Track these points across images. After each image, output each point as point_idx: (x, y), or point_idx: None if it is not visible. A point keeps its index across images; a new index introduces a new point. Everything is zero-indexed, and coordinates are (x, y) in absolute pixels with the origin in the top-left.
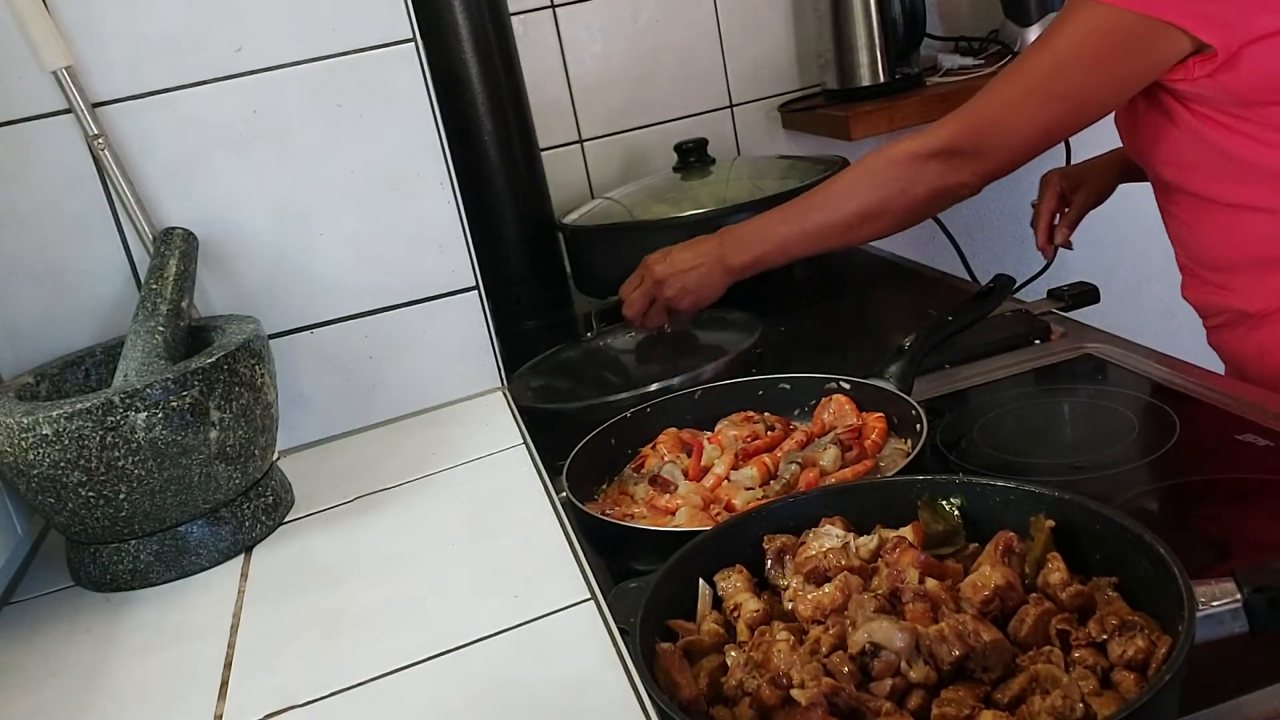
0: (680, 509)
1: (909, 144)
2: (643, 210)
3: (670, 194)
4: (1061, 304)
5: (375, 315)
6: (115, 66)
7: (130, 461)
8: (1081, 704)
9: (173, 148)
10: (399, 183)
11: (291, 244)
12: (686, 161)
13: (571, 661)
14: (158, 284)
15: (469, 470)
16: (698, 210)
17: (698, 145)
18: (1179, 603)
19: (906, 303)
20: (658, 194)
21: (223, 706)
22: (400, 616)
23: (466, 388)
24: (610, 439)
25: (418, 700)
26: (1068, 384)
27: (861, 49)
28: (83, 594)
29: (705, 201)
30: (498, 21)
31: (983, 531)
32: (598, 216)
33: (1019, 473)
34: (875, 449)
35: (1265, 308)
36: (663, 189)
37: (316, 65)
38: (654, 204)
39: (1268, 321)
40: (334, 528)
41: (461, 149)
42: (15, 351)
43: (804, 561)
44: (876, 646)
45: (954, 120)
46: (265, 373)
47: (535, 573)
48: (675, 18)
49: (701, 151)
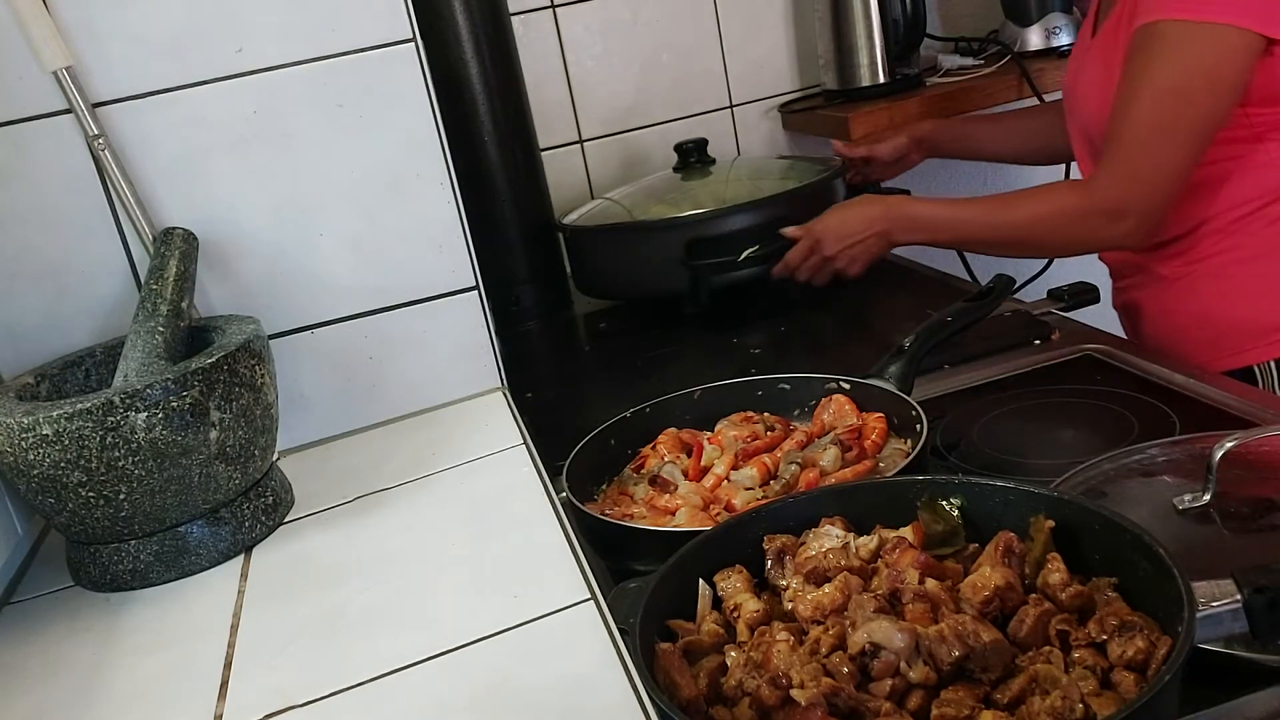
0: (680, 509)
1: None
2: (642, 210)
3: (670, 194)
4: (1061, 304)
5: (375, 315)
6: (115, 66)
7: (130, 462)
8: (1081, 704)
9: (173, 148)
10: (399, 183)
11: (291, 244)
12: (686, 161)
13: (571, 661)
14: (158, 284)
15: (469, 470)
16: (698, 210)
17: (698, 145)
18: (1179, 603)
19: (906, 303)
20: (657, 194)
21: (223, 706)
22: (400, 616)
23: (466, 388)
24: (610, 439)
25: (418, 700)
26: (1068, 384)
27: (861, 49)
28: (83, 594)
29: (705, 201)
30: (498, 21)
31: (983, 532)
32: (597, 217)
33: (1019, 473)
34: (875, 449)
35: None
36: (663, 189)
37: (317, 65)
38: (654, 204)
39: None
40: (334, 528)
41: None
42: (15, 351)
43: (804, 562)
44: (876, 647)
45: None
46: (265, 373)
47: (535, 573)
48: (675, 18)
49: (701, 151)
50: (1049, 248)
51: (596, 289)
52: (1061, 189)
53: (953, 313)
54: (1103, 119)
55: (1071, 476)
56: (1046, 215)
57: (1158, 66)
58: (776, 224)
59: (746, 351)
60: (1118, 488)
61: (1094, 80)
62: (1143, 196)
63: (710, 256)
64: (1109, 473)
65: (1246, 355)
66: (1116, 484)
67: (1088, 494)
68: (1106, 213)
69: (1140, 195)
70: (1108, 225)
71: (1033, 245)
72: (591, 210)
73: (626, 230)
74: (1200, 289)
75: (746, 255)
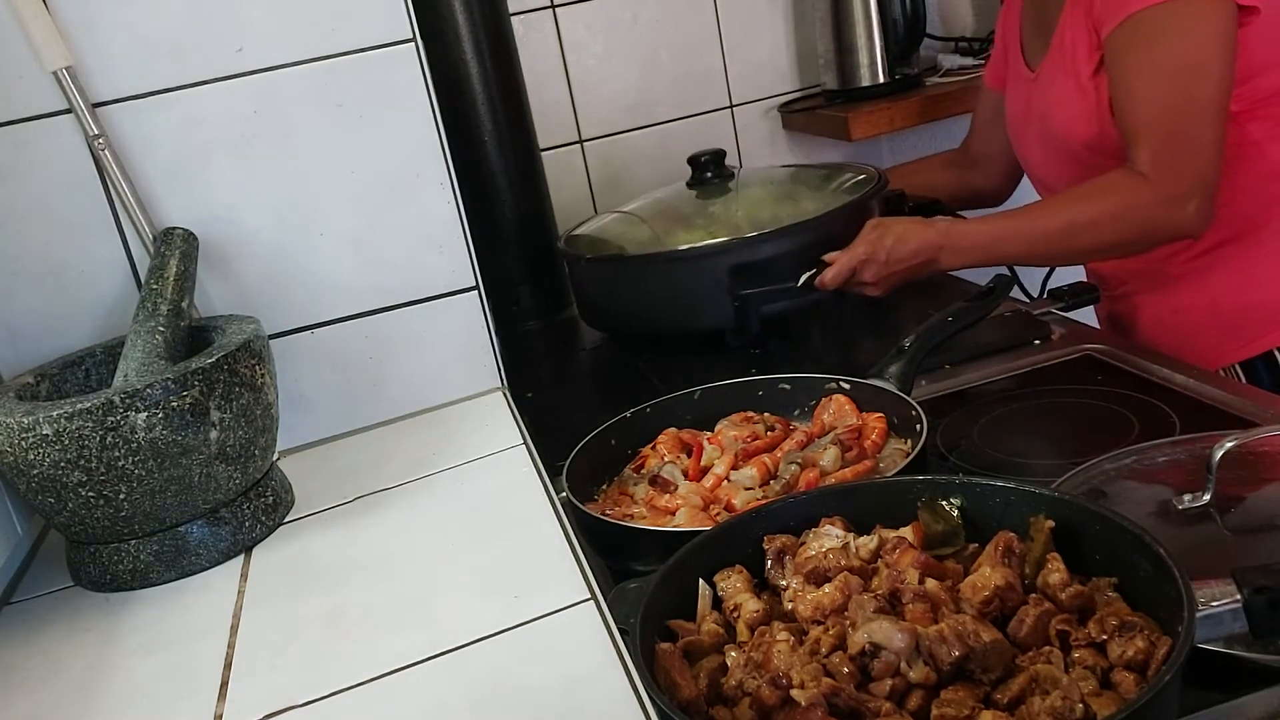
0: (680, 509)
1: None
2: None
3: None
4: (1061, 304)
5: (375, 315)
6: (115, 66)
7: (130, 461)
8: (1081, 704)
9: (173, 148)
10: (399, 183)
11: (291, 244)
12: (702, 177)
13: (571, 662)
14: (158, 284)
15: (469, 470)
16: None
17: (715, 158)
18: (1179, 603)
19: (906, 303)
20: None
21: (223, 706)
22: (400, 616)
23: (466, 388)
24: (610, 439)
25: (418, 700)
26: (1068, 384)
27: (861, 49)
28: (83, 594)
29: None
30: (498, 21)
31: (983, 532)
32: (608, 241)
33: (1019, 473)
34: (875, 449)
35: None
36: (681, 209)
37: (317, 65)
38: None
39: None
40: (334, 528)
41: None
42: (15, 351)
43: (804, 562)
44: (876, 647)
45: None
46: (265, 373)
47: (535, 573)
48: (675, 18)
49: (719, 165)
50: (1119, 247)
51: (613, 324)
52: (1119, 185)
53: (953, 313)
54: (1087, 130)
55: (1072, 477)
56: (1115, 213)
57: (1161, 50)
58: (825, 244)
59: (747, 351)
60: (1118, 488)
61: (1064, 98)
62: (1197, 175)
63: (760, 284)
64: (1109, 473)
65: (1265, 340)
66: (1116, 484)
67: (1088, 494)
68: (1171, 200)
69: (1194, 175)
70: (1177, 212)
71: (1103, 247)
72: (598, 230)
73: (658, 261)
74: (1212, 281)
75: (805, 279)
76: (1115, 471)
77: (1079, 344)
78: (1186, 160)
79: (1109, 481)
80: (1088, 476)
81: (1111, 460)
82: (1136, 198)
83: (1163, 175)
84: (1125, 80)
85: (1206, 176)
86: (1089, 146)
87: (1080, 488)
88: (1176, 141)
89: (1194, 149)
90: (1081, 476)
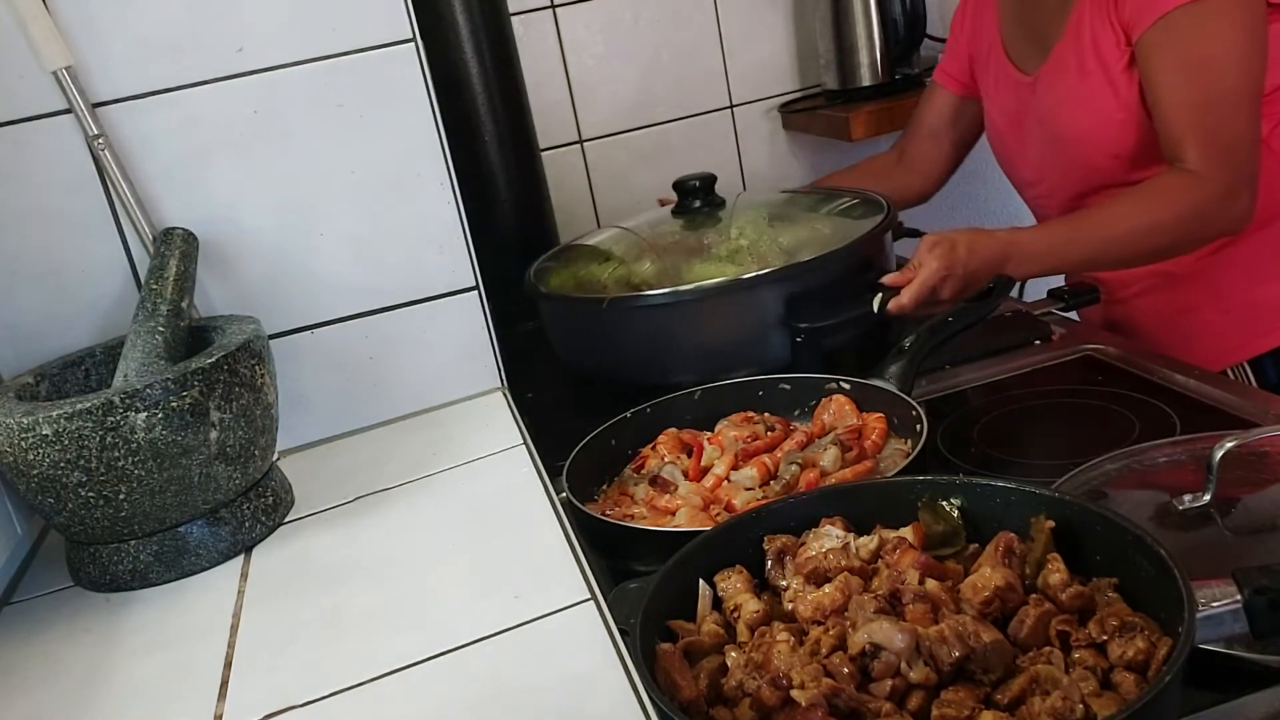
0: (680, 509)
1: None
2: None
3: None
4: (1061, 304)
5: (375, 315)
6: (115, 66)
7: (130, 462)
8: (1081, 705)
9: (173, 148)
10: (399, 183)
11: (291, 244)
12: (688, 205)
13: (571, 662)
14: (158, 284)
15: (469, 470)
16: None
17: (704, 184)
18: (1179, 604)
19: None
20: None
21: (223, 706)
22: (400, 616)
23: (466, 388)
24: (610, 439)
25: (418, 700)
26: (1068, 384)
27: (861, 49)
28: (83, 594)
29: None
30: (498, 21)
31: (983, 532)
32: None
33: (1020, 473)
34: (875, 449)
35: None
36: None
37: (317, 65)
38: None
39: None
40: (334, 528)
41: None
42: (15, 351)
43: (804, 562)
44: (876, 647)
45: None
46: (265, 373)
47: (535, 573)
48: (675, 18)
49: (709, 191)
50: (1178, 248)
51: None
52: (1176, 186)
53: (953, 313)
54: (1109, 131)
55: (1072, 477)
56: (1178, 215)
57: (1195, 47)
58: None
59: None
60: (1118, 488)
61: (1081, 99)
62: (1243, 169)
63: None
64: (1109, 473)
65: (1274, 336)
66: (1117, 484)
67: (1088, 494)
68: (1226, 195)
69: (1241, 168)
70: (1232, 206)
71: (1163, 249)
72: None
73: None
74: (1220, 279)
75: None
76: (1115, 472)
77: (1079, 344)
78: (1232, 154)
79: (1109, 482)
80: (1088, 477)
81: (1112, 460)
82: (1196, 196)
83: (1214, 172)
84: (1163, 80)
85: (1252, 170)
86: (1107, 147)
87: (1081, 488)
88: (1220, 138)
89: (1237, 143)
90: (1082, 477)
